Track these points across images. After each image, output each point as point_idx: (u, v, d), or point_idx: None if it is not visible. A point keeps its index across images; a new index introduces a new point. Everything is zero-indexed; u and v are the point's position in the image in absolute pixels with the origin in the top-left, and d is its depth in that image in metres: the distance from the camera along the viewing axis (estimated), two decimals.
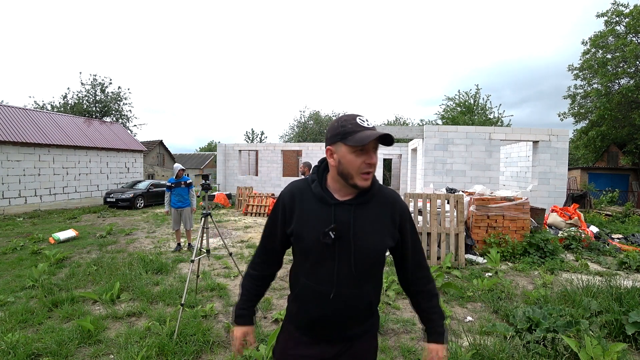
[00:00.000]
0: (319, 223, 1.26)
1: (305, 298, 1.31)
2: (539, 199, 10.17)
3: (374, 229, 1.28)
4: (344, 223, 1.25)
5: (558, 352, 2.76)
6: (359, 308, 1.30)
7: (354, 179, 1.21)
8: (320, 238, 1.23)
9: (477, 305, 4.01)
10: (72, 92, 31.29)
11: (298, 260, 1.36)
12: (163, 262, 5.62)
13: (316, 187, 1.31)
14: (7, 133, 13.11)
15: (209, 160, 36.13)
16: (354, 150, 1.19)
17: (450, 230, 5.71)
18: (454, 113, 26.83)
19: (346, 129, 1.20)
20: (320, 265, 1.27)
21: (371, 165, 1.21)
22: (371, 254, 1.28)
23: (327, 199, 1.27)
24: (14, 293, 4.36)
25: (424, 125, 11.99)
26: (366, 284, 1.30)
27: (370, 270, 1.31)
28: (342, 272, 1.25)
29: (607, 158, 23.72)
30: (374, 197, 1.30)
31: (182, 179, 6.77)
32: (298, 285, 1.34)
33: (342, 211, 1.26)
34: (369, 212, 1.28)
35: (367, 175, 1.22)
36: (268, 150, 18.70)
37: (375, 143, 1.20)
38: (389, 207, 1.32)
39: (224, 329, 3.40)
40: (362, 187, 1.23)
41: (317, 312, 1.28)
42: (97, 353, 2.93)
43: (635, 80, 17.13)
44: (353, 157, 1.19)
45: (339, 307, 1.26)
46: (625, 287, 3.92)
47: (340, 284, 1.26)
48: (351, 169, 1.21)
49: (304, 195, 1.32)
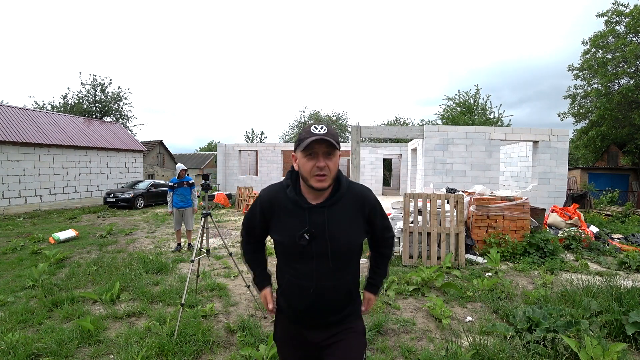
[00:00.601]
0: (295, 226, 1.37)
1: (290, 293, 1.44)
2: (539, 199, 10.17)
3: (347, 227, 1.39)
4: (318, 224, 1.36)
5: (558, 352, 2.76)
6: (339, 297, 1.43)
7: (309, 180, 1.33)
8: (297, 240, 1.35)
9: (477, 305, 4.01)
10: (72, 92, 31.33)
11: (280, 259, 1.49)
12: (163, 262, 5.62)
13: (291, 192, 1.41)
14: (7, 133, 13.11)
15: (209, 160, 36.13)
16: (305, 155, 1.31)
17: (450, 230, 5.71)
18: (454, 113, 26.82)
19: (301, 136, 1.34)
20: (300, 264, 1.39)
21: (320, 168, 1.30)
22: (346, 249, 1.40)
23: (301, 203, 1.38)
24: (14, 293, 4.36)
25: (424, 125, 11.99)
26: (344, 275, 1.43)
27: (347, 263, 1.43)
28: (321, 268, 1.37)
29: (607, 158, 23.73)
30: (344, 197, 1.41)
31: (185, 179, 6.78)
32: (284, 281, 1.47)
33: (316, 214, 1.37)
34: (340, 212, 1.39)
35: (321, 178, 1.31)
36: (268, 150, 18.70)
37: (326, 147, 1.30)
38: (359, 204, 1.44)
39: (224, 329, 3.40)
40: (317, 188, 1.32)
41: (302, 304, 1.40)
42: (97, 353, 2.93)
43: (635, 80, 17.13)
44: (305, 161, 1.32)
45: (321, 298, 1.38)
46: (625, 287, 3.92)
47: (320, 278, 1.37)
48: (305, 172, 1.33)
49: (280, 199, 1.43)
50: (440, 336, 3.27)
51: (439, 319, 3.57)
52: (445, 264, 5.30)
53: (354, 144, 10.56)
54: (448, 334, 3.31)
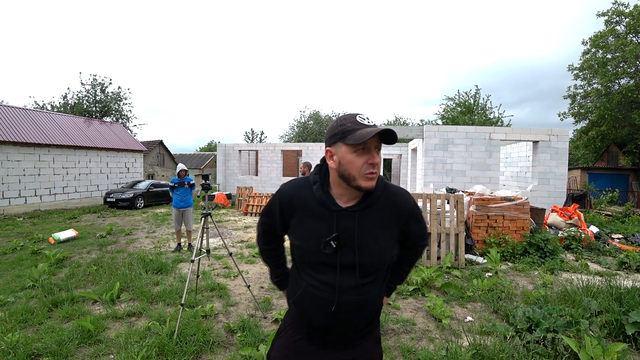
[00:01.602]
0: (320, 230, 1.18)
1: (306, 303, 1.24)
2: (539, 199, 10.17)
3: (379, 236, 1.20)
4: (347, 231, 1.16)
5: (558, 352, 2.76)
6: (363, 314, 1.24)
7: (356, 180, 1.13)
8: (321, 248, 1.16)
9: (477, 305, 4.01)
10: (72, 92, 31.35)
11: (298, 264, 1.29)
12: (163, 262, 5.62)
13: (318, 190, 1.22)
14: (7, 133, 13.11)
15: (209, 160, 36.13)
16: (355, 150, 1.11)
17: (450, 230, 5.71)
18: (454, 113, 26.82)
19: (345, 127, 1.13)
20: (322, 274, 1.20)
21: (374, 165, 1.13)
22: (377, 261, 1.21)
23: (329, 204, 1.19)
24: (14, 293, 4.36)
25: (424, 125, 11.98)
26: (372, 289, 1.24)
27: (376, 277, 1.24)
28: (345, 282, 1.18)
29: (607, 158, 23.72)
30: (379, 199, 1.21)
31: (185, 179, 6.83)
32: (299, 288, 1.26)
33: (345, 218, 1.18)
34: (374, 218, 1.20)
35: (371, 175, 1.13)
36: (268, 150, 18.70)
37: (377, 142, 1.13)
38: (395, 209, 1.23)
39: (224, 329, 3.40)
40: (366, 188, 1.14)
41: (319, 319, 1.21)
42: (97, 353, 2.93)
43: (635, 80, 17.13)
44: (354, 157, 1.12)
45: (343, 315, 1.20)
46: (625, 287, 3.91)
47: (343, 293, 1.18)
48: (352, 170, 1.13)
49: (304, 198, 1.23)
50: (440, 336, 3.27)
51: (439, 319, 3.56)
52: (445, 264, 5.30)
53: None
54: (448, 334, 3.31)
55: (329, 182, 1.24)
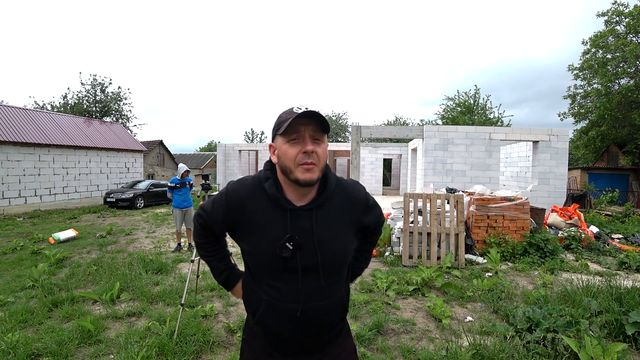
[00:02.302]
0: (274, 232, 1.09)
1: (269, 320, 1.14)
2: (539, 199, 10.17)
3: (338, 232, 1.15)
4: (304, 230, 1.09)
5: (558, 352, 2.76)
6: (332, 317, 1.18)
7: (293, 172, 1.06)
8: (277, 251, 1.07)
9: (477, 305, 4.01)
10: (72, 92, 31.35)
11: (253, 272, 1.18)
12: (163, 262, 5.62)
13: (271, 187, 1.12)
14: (7, 133, 13.11)
15: (209, 160, 36.13)
16: (288, 140, 1.05)
17: (450, 230, 5.71)
18: (454, 113, 26.82)
19: (280, 119, 1.08)
20: (282, 281, 1.11)
21: (307, 154, 1.03)
22: (339, 259, 1.15)
23: (283, 202, 1.10)
24: (14, 293, 4.36)
25: (424, 125, 11.99)
26: (337, 290, 1.18)
27: (340, 276, 1.19)
28: (309, 285, 1.11)
29: (607, 158, 23.72)
30: (333, 195, 1.16)
31: (186, 180, 6.93)
32: (259, 305, 1.15)
33: (301, 218, 1.10)
34: (330, 214, 1.14)
35: (307, 166, 1.04)
36: (268, 150, 18.69)
37: (313, 130, 1.05)
38: (349, 203, 1.19)
39: (224, 329, 3.40)
40: (303, 181, 1.05)
41: (286, 330, 1.13)
42: (97, 353, 2.93)
43: (635, 80, 17.13)
44: (288, 147, 1.06)
45: (310, 322, 1.12)
46: (625, 287, 3.91)
47: (308, 299, 1.11)
48: (287, 160, 1.06)
49: (255, 198, 1.13)
50: (440, 336, 3.27)
51: (439, 319, 3.57)
52: (445, 264, 5.30)
53: (354, 144, 10.56)
54: (448, 334, 3.31)
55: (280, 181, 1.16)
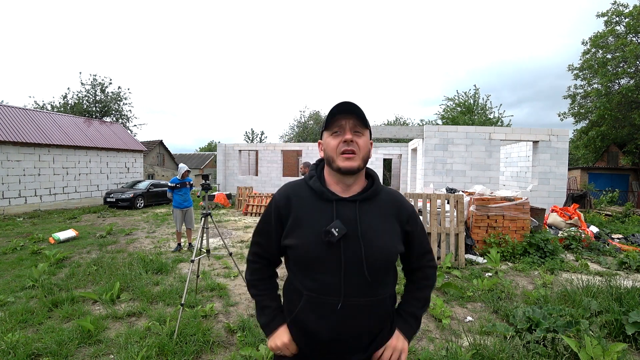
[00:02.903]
0: (319, 222, 1.11)
1: (307, 315, 1.12)
2: (539, 199, 10.17)
3: (383, 229, 1.15)
4: (349, 220, 1.11)
5: (558, 352, 2.76)
6: (374, 320, 1.13)
7: (335, 161, 1.13)
8: (322, 237, 1.08)
9: (477, 305, 4.01)
10: (72, 92, 31.35)
11: (296, 269, 1.19)
12: (163, 262, 5.62)
13: (315, 182, 1.19)
14: (7, 133, 13.11)
15: (209, 160, 36.14)
16: (332, 133, 1.15)
17: (450, 230, 5.71)
18: (454, 113, 26.80)
19: (326, 118, 1.17)
20: (323, 273, 1.10)
21: (347, 142, 1.11)
22: (384, 253, 1.13)
23: (328, 194, 1.15)
24: (14, 293, 4.36)
25: (424, 125, 11.98)
26: (382, 291, 1.14)
27: (385, 275, 1.16)
28: (352, 279, 1.09)
29: (607, 158, 23.72)
30: (378, 195, 1.20)
31: (187, 180, 6.95)
32: (299, 300, 1.14)
33: (346, 207, 1.13)
34: (374, 209, 1.16)
35: (347, 155, 1.11)
36: (268, 150, 18.70)
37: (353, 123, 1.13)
38: (395, 208, 1.21)
39: (224, 329, 3.40)
40: (344, 168, 1.11)
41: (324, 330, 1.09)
42: (97, 353, 2.93)
43: (635, 80, 17.13)
44: (331, 139, 1.15)
45: (350, 321, 1.09)
46: (625, 287, 3.92)
47: (349, 293, 1.08)
48: (330, 150, 1.14)
49: (301, 194, 1.19)
50: (440, 336, 3.27)
51: (439, 319, 3.56)
52: (445, 264, 5.30)
53: None
54: (448, 334, 3.31)
55: (324, 176, 1.23)
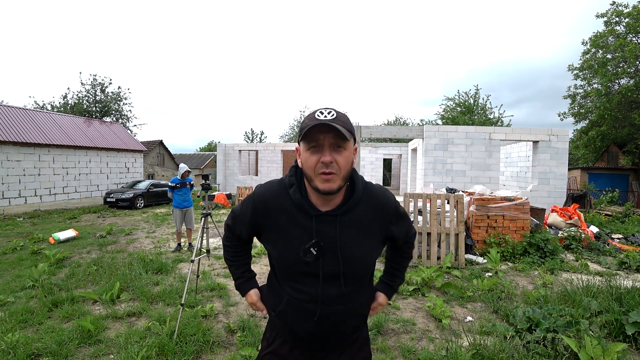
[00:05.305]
0: (298, 237, 1.10)
1: (289, 315, 1.18)
2: (539, 199, 10.17)
3: (362, 242, 1.13)
4: (328, 236, 1.09)
5: (558, 352, 2.76)
6: (350, 323, 1.20)
7: (313, 181, 1.05)
8: (301, 255, 1.08)
9: (477, 305, 4.01)
10: (72, 92, 31.36)
11: (277, 272, 1.22)
12: (163, 262, 5.62)
13: (295, 194, 1.12)
14: (7, 133, 13.11)
15: (209, 160, 36.14)
16: (308, 147, 1.03)
17: (450, 230, 5.71)
18: (454, 113, 26.81)
19: (303, 124, 1.05)
20: (303, 284, 1.13)
21: (326, 164, 1.01)
22: (362, 268, 1.16)
23: (308, 209, 1.10)
24: (14, 293, 4.36)
25: (424, 125, 11.99)
26: (358, 297, 1.19)
27: (361, 284, 1.19)
28: (329, 291, 1.12)
29: (607, 158, 23.72)
30: (360, 202, 1.14)
31: (187, 180, 6.95)
32: (282, 300, 1.19)
33: (325, 223, 1.10)
34: (355, 222, 1.12)
35: (325, 177, 1.02)
36: (268, 150, 18.70)
37: (333, 138, 1.01)
38: (377, 211, 1.17)
39: (224, 329, 3.40)
40: (323, 190, 1.04)
41: (303, 330, 1.17)
42: (97, 353, 2.93)
43: (635, 80, 17.12)
44: (308, 155, 1.04)
45: (327, 325, 1.15)
46: (625, 287, 3.91)
47: (327, 303, 1.12)
48: (308, 168, 1.05)
49: (280, 201, 1.14)
50: (440, 336, 3.27)
51: (439, 319, 3.56)
52: (445, 264, 5.30)
53: None
54: (448, 334, 3.31)
55: (305, 184, 1.14)
